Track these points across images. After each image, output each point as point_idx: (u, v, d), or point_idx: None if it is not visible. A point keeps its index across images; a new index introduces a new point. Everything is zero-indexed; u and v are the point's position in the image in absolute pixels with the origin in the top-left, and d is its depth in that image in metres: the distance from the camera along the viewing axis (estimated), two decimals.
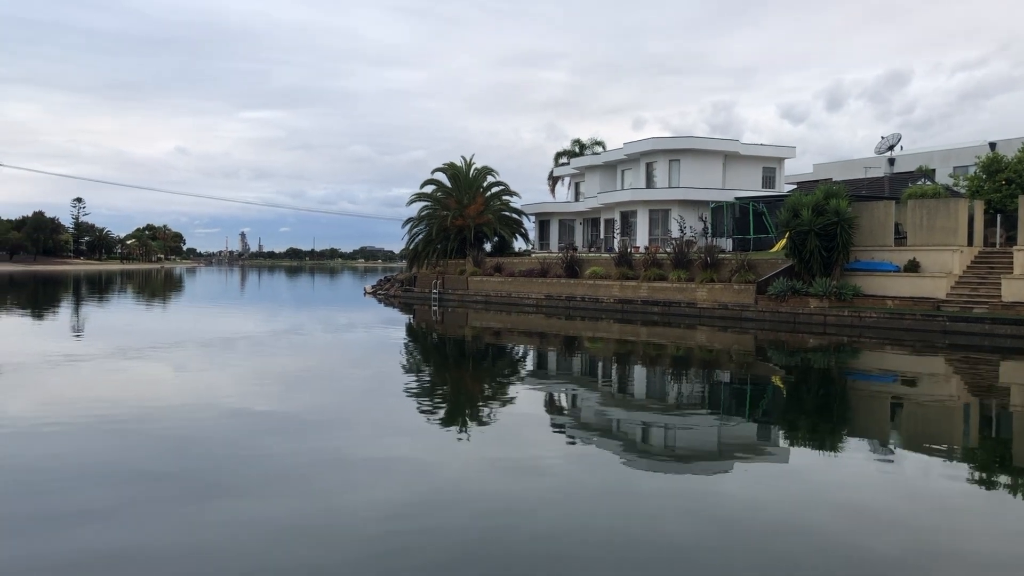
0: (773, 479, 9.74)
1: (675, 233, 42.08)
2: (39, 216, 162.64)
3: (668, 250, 39.92)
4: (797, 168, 56.65)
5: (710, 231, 42.51)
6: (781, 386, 18.08)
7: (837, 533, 7.64)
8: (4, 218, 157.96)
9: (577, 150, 69.25)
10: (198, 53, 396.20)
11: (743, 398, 16.38)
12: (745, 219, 41.44)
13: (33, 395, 14.77)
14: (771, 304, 32.21)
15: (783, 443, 12.15)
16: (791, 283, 31.90)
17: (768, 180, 52.08)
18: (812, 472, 10.15)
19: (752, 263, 34.74)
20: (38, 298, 51.29)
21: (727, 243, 42.60)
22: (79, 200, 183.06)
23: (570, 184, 65.55)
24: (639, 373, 20.31)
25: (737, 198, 43.65)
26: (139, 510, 7.99)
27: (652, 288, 37.55)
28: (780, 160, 52.98)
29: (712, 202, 45.26)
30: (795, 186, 50.27)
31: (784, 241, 33.84)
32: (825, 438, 12.45)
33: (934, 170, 48.01)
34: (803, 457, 11.15)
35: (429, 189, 56.31)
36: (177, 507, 8.08)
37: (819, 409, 15.23)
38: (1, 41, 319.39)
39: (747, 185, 49.92)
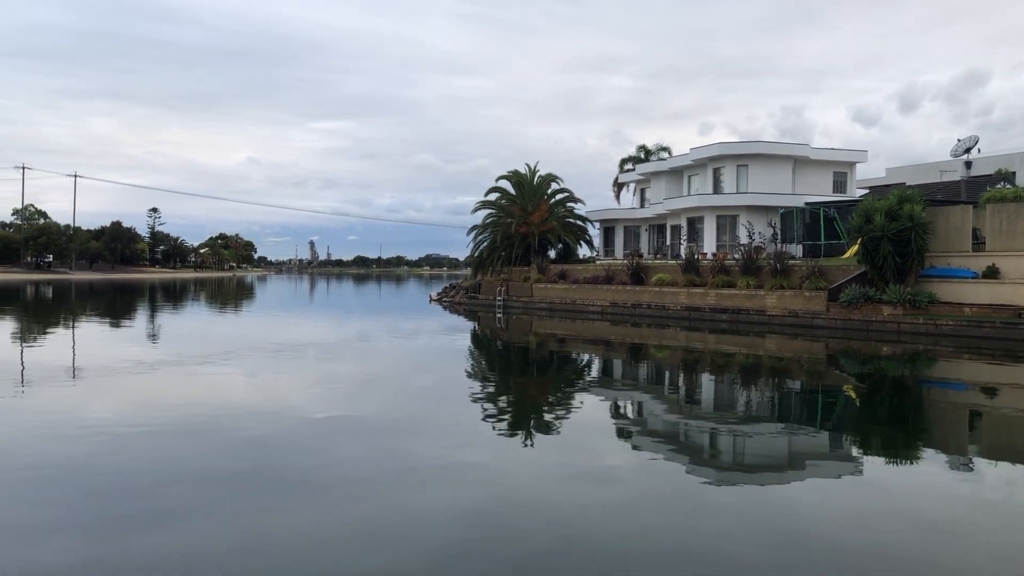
0: (846, 491, 9.50)
1: (743, 239, 41.48)
2: (117, 226, 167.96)
3: (736, 256, 39.39)
4: (869, 172, 55.37)
5: (779, 237, 41.81)
6: (854, 395, 17.66)
7: (913, 548, 7.42)
8: (84, 228, 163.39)
9: (642, 156, 68.83)
10: (269, 64, 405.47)
11: (814, 407, 16.04)
12: (815, 225, 40.68)
13: (114, 399, 15.23)
14: (843, 311, 31.50)
15: (856, 454, 11.85)
16: (863, 290, 31.15)
17: (839, 185, 51.06)
18: (886, 484, 9.87)
19: (823, 270, 34.03)
20: (116, 306, 52.94)
21: (797, 249, 41.84)
22: (155, 210, 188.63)
23: (635, 190, 65.18)
24: (707, 382, 20.05)
25: (807, 203, 42.88)
26: (214, 512, 8.18)
27: (720, 295, 37.06)
28: (851, 164, 51.88)
29: (781, 207, 44.53)
30: (867, 191, 49.16)
31: (856, 247, 33.10)
32: (900, 449, 12.11)
33: (1014, 173, 46.38)
34: (877, 469, 10.84)
35: (493, 197, 56.56)
36: (250, 509, 8.24)
37: (893, 419, 14.81)
38: (84, 56, 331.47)
39: (817, 190, 48.98)
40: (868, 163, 53.27)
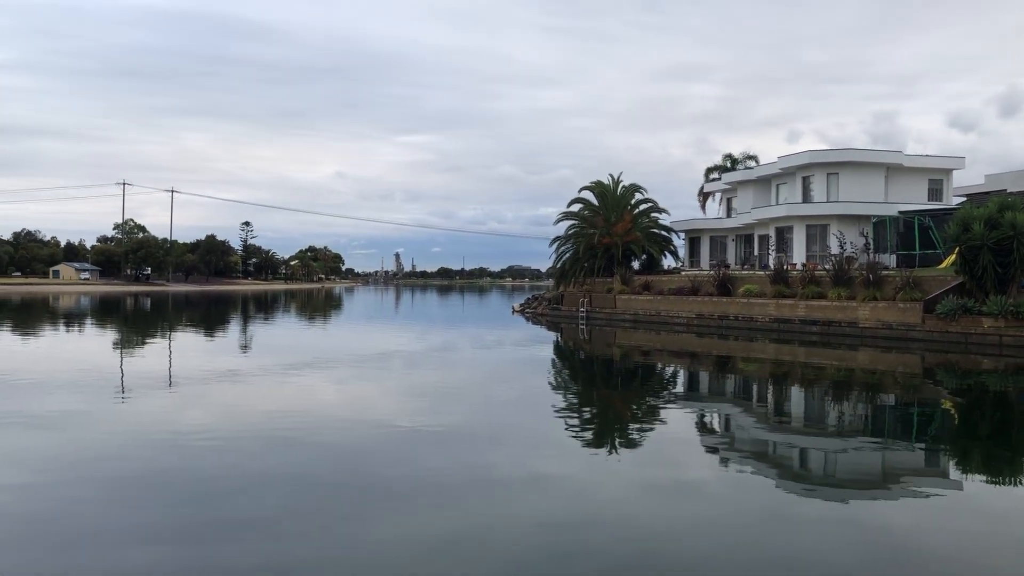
0: (943, 509, 9.13)
1: (834, 249, 40.41)
2: (211, 239, 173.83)
3: (827, 267, 38.39)
4: (966, 179, 53.17)
5: (872, 247, 40.60)
6: (952, 410, 17.00)
7: (1014, 570, 7.08)
8: (180, 241, 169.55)
9: (728, 165, 67.83)
10: (357, 80, 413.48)
11: (909, 422, 15.49)
12: (910, 234, 39.40)
13: (208, 408, 15.72)
14: (940, 324, 30.36)
15: (955, 472, 11.40)
16: (962, 301, 29.97)
17: (934, 193, 49.33)
18: (987, 505, 9.46)
19: (918, 280, 32.87)
20: (211, 317, 54.72)
21: (890, 259, 40.56)
22: (247, 224, 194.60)
23: (721, 200, 64.21)
24: (796, 395, 19.58)
25: (901, 212, 41.57)
26: (302, 520, 8.34)
27: (810, 306, 36.17)
28: (948, 171, 50.08)
29: (874, 216, 43.28)
30: (964, 198, 47.27)
31: (953, 257, 31.89)
32: (1002, 467, 11.59)
33: None
34: (977, 488, 10.39)
35: (576, 208, 56.43)
36: (338, 518, 8.38)
37: (995, 435, 14.18)
38: (180, 76, 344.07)
39: (911, 198, 47.40)
40: (966, 170, 51.35)
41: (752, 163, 64.65)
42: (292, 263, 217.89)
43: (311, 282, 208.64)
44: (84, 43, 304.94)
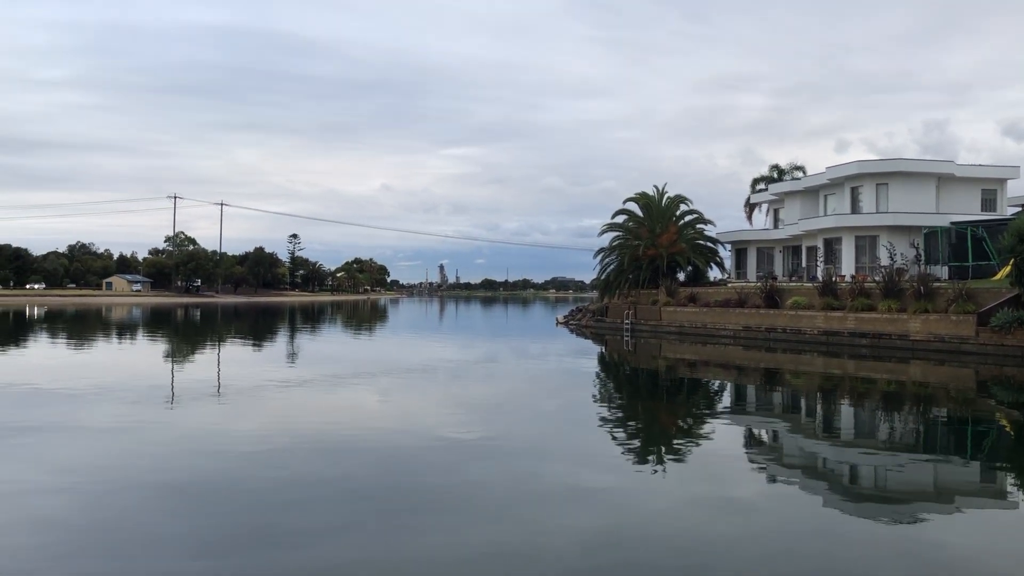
0: (1000, 528, 8.91)
1: (884, 261, 39.75)
2: (259, 252, 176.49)
3: (876, 279, 37.78)
4: (1022, 189, 52.02)
5: (923, 258, 39.87)
6: (1008, 426, 16.58)
7: None
8: (229, 254, 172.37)
9: (775, 175, 67.15)
10: (403, 94, 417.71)
11: (963, 438, 15.15)
12: (962, 245, 38.59)
13: (256, 417, 15.92)
14: (994, 336, 29.67)
15: (1012, 489, 11.10)
16: (1018, 314, 29.26)
17: (988, 203, 48.29)
18: None
19: (971, 292, 32.17)
20: (259, 327, 55.46)
21: (942, 271, 39.76)
22: (295, 236, 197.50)
23: (768, 211, 63.54)
24: (846, 409, 19.26)
25: (953, 223, 40.75)
26: (349, 530, 8.40)
27: (859, 319, 35.58)
28: (1002, 181, 49.03)
29: (925, 227, 42.50)
30: (1020, 208, 46.25)
31: (1008, 268, 31.15)
32: None
33: None
34: None
35: (620, 219, 56.24)
36: (384, 528, 8.42)
37: None
38: (231, 91, 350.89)
39: (964, 208, 46.47)
40: (1021, 179, 50.14)
41: (799, 174, 63.93)
42: (338, 275, 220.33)
43: (357, 293, 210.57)
44: (140, 60, 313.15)
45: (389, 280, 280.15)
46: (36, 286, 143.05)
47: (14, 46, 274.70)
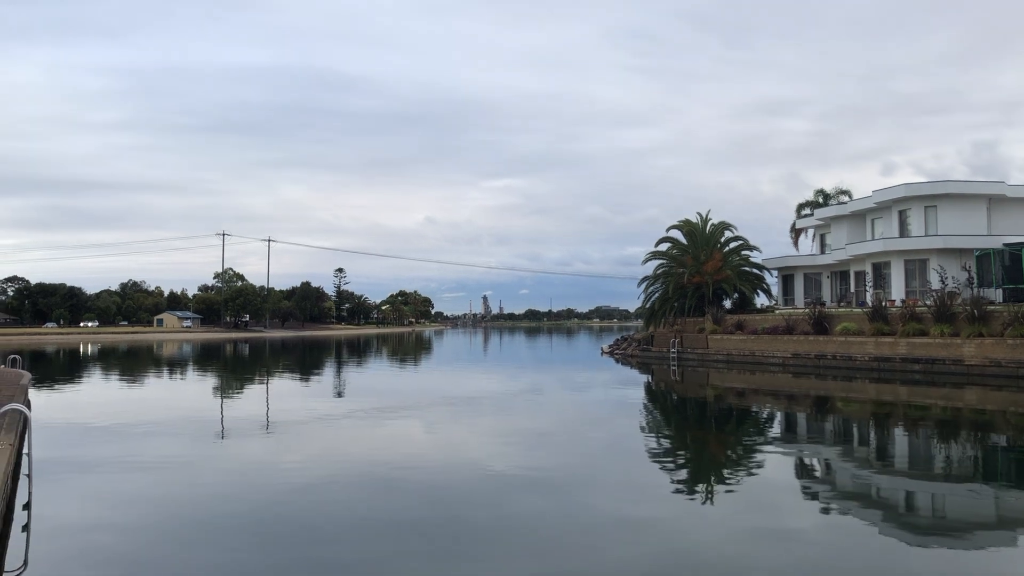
0: None
1: (935, 284, 39.02)
2: (306, 286, 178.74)
3: (927, 303, 37.05)
4: None
5: (975, 281, 39.04)
6: None
7: None
8: (277, 289, 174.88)
9: (820, 200, 66.37)
10: (445, 128, 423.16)
11: None
12: (1017, 267, 37.72)
13: (302, 450, 16.05)
14: None
15: None
16: None
17: None
18: None
19: None
20: (306, 361, 56.00)
21: (996, 294, 38.89)
22: (340, 270, 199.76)
23: (814, 236, 62.74)
24: (900, 437, 18.84)
25: (1006, 244, 39.88)
26: (398, 562, 8.41)
27: (911, 344, 34.88)
28: None
29: (976, 250, 41.64)
30: None
31: None
32: None
33: None
34: None
35: (664, 247, 55.99)
36: (432, 560, 8.43)
37: None
38: (277, 129, 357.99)
39: (1017, 230, 45.43)
40: None
41: (845, 198, 63.10)
42: (383, 307, 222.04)
43: (402, 326, 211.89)
44: (189, 101, 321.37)
45: (433, 312, 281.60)
46: (89, 324, 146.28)
47: (69, 90, 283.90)
